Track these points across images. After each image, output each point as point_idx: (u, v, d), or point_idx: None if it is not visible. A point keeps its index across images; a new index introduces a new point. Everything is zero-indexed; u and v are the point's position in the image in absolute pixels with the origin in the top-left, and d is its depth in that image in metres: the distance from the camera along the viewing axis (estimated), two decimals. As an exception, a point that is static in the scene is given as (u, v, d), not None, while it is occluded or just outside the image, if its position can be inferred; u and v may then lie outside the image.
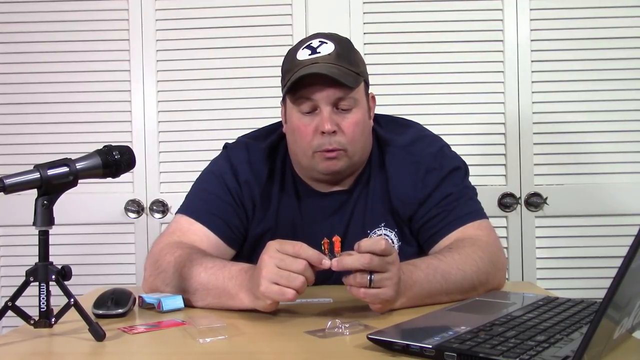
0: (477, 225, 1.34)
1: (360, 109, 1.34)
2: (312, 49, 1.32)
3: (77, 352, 0.96)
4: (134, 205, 2.29)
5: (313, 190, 1.41)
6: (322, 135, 1.30)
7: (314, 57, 1.30)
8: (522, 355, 0.78)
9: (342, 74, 1.28)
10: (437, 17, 2.26)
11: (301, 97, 1.31)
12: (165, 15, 2.29)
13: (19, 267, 1.27)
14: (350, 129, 1.32)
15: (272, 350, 0.95)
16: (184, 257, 1.24)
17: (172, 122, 2.30)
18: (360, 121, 1.34)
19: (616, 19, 2.22)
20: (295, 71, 1.29)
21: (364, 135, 1.37)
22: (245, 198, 1.39)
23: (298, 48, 1.34)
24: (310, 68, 1.28)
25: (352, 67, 1.31)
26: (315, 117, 1.31)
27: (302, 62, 1.30)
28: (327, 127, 1.29)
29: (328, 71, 1.27)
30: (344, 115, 1.32)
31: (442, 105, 2.25)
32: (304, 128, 1.32)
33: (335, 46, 1.31)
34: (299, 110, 1.32)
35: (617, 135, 2.23)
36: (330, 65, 1.28)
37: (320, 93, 1.29)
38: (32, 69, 2.30)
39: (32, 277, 1.01)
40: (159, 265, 1.28)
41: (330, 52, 1.30)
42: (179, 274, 1.22)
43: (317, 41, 1.33)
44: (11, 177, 0.99)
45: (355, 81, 1.31)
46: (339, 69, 1.28)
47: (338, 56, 1.30)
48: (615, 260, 1.88)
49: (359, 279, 1.05)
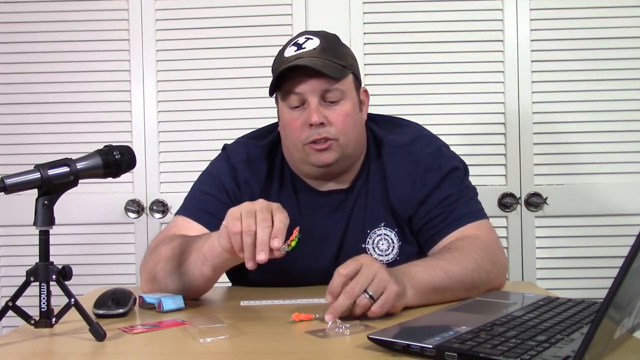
0: (476, 226, 1.34)
1: (349, 101, 1.34)
2: (297, 45, 1.33)
3: (78, 352, 0.96)
4: (134, 205, 2.29)
5: (312, 188, 1.41)
6: (311, 128, 1.31)
7: (299, 53, 1.31)
8: (522, 355, 0.78)
9: (325, 65, 1.29)
10: (437, 17, 2.26)
11: (288, 91, 1.32)
12: (165, 15, 2.30)
13: (19, 267, 1.28)
14: (339, 120, 1.32)
15: (272, 350, 0.95)
16: (178, 238, 1.27)
17: (172, 122, 2.30)
18: (350, 113, 1.34)
19: (616, 19, 2.23)
20: (281, 68, 1.30)
21: (356, 127, 1.36)
22: (244, 198, 1.39)
23: (286, 46, 1.35)
24: (293, 62, 1.29)
25: (338, 60, 1.32)
26: (304, 111, 1.32)
27: (287, 58, 1.31)
28: (314, 119, 1.29)
29: (311, 63, 1.28)
30: (332, 108, 1.32)
31: (442, 105, 2.25)
32: (293, 122, 1.32)
33: (320, 41, 1.33)
34: (288, 105, 1.33)
35: (617, 135, 2.23)
36: (313, 58, 1.29)
37: (304, 85, 1.30)
38: (33, 69, 2.31)
39: (32, 277, 1.01)
40: (153, 251, 1.29)
41: (315, 46, 1.32)
42: (170, 249, 1.24)
43: (303, 38, 1.35)
44: (12, 177, 1.00)
45: (340, 72, 1.31)
46: (322, 61, 1.29)
47: (323, 50, 1.31)
48: (616, 260, 1.88)
49: (360, 304, 1.04)
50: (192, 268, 1.20)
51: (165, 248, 1.27)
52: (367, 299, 1.03)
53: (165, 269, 1.24)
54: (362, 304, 1.03)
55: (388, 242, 1.38)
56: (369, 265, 1.06)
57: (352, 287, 1.03)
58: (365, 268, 1.05)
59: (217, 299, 1.33)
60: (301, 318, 1.07)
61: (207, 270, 1.19)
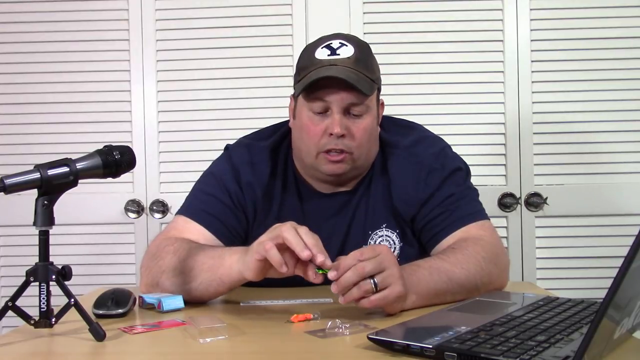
0: (479, 226, 1.34)
1: (371, 115, 1.34)
2: (331, 49, 1.31)
3: (77, 352, 0.96)
4: (134, 205, 2.29)
5: (315, 190, 1.41)
6: (330, 137, 1.30)
7: (333, 59, 1.29)
8: (522, 355, 0.78)
9: (359, 79, 1.28)
10: (437, 17, 2.26)
11: (315, 97, 1.30)
12: (165, 15, 2.29)
13: (19, 267, 1.27)
14: (359, 134, 1.31)
15: (272, 350, 0.95)
16: (183, 246, 1.26)
17: (172, 122, 2.30)
18: (369, 127, 1.34)
19: (616, 19, 2.22)
20: (312, 70, 1.29)
21: (371, 141, 1.37)
22: (247, 200, 1.39)
23: (317, 46, 1.33)
24: (328, 69, 1.27)
25: (369, 74, 1.31)
26: (326, 118, 1.31)
27: (320, 61, 1.29)
28: (337, 130, 1.29)
29: (346, 76, 1.26)
30: (354, 120, 1.31)
31: (442, 105, 2.25)
32: (313, 127, 1.32)
33: (354, 50, 1.31)
34: (310, 109, 1.32)
35: (617, 135, 2.23)
36: (348, 69, 1.28)
37: (334, 96, 1.29)
38: (33, 69, 2.30)
39: (32, 277, 1.01)
40: (157, 257, 1.28)
41: (349, 55, 1.30)
42: (176, 259, 1.23)
43: (338, 42, 1.32)
44: (11, 177, 0.99)
45: (371, 88, 1.30)
46: (356, 74, 1.28)
47: (357, 61, 1.29)
48: (616, 260, 1.88)
49: (362, 287, 1.04)
50: (206, 287, 1.20)
51: (170, 257, 1.26)
52: (370, 285, 1.03)
53: (172, 279, 1.23)
54: (365, 288, 1.04)
55: (389, 244, 1.38)
56: (385, 256, 1.06)
57: (363, 266, 1.03)
58: (381, 257, 1.05)
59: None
60: (300, 319, 1.07)
61: (223, 290, 1.20)
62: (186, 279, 1.21)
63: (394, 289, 1.05)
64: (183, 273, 1.21)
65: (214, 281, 1.18)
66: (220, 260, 1.18)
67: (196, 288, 1.20)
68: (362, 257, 1.04)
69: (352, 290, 1.04)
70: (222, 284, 1.18)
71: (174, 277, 1.23)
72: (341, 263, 1.05)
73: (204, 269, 1.19)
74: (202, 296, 1.22)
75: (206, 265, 1.19)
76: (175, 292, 1.23)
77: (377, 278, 1.04)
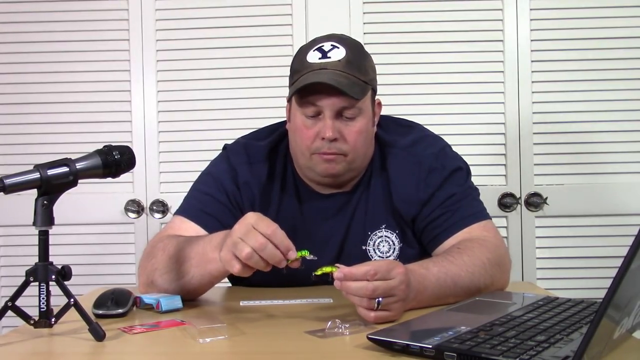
0: (482, 226, 1.34)
1: (365, 117, 1.33)
2: (322, 52, 1.30)
3: (77, 352, 0.96)
4: (134, 205, 2.29)
5: (314, 191, 1.41)
6: (323, 140, 1.30)
7: (324, 62, 1.28)
8: (522, 355, 0.78)
9: (349, 84, 1.27)
10: (437, 17, 2.26)
11: (307, 102, 1.30)
12: (165, 15, 2.29)
13: (19, 267, 1.27)
14: (352, 137, 1.31)
15: (272, 350, 0.95)
16: (172, 242, 1.27)
17: (172, 122, 2.30)
18: (363, 129, 1.33)
19: (616, 19, 2.22)
20: (303, 74, 1.29)
21: (366, 142, 1.36)
22: (244, 200, 1.39)
23: (309, 49, 1.32)
24: (318, 74, 1.27)
25: (361, 76, 1.30)
26: (319, 121, 1.30)
27: (311, 65, 1.29)
28: (329, 135, 1.28)
29: (336, 82, 1.25)
30: (347, 123, 1.31)
31: (442, 105, 2.25)
32: (305, 130, 1.31)
33: (346, 52, 1.30)
34: (303, 113, 1.31)
35: (617, 135, 2.23)
36: (338, 73, 1.27)
37: (326, 100, 1.28)
38: (32, 69, 2.30)
39: (32, 277, 1.01)
40: (150, 256, 1.29)
41: (340, 58, 1.29)
42: (166, 256, 1.24)
43: (329, 45, 1.31)
44: (11, 177, 0.99)
45: (362, 91, 1.30)
46: (347, 77, 1.27)
47: (348, 63, 1.29)
48: (615, 260, 1.88)
49: (366, 303, 1.03)
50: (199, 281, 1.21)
51: (161, 254, 1.26)
52: (373, 303, 1.03)
53: (164, 277, 1.24)
54: (367, 304, 1.03)
55: (389, 244, 1.38)
56: (398, 283, 1.05)
57: (372, 289, 1.02)
58: (393, 282, 1.04)
59: (217, 299, 1.33)
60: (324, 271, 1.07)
61: (216, 281, 1.23)
62: (178, 275, 1.22)
63: (393, 313, 1.06)
64: (174, 269, 1.22)
65: (205, 276, 1.20)
66: (204, 257, 1.18)
67: (189, 282, 1.21)
68: (374, 277, 1.03)
69: (354, 297, 1.04)
70: (214, 277, 1.20)
71: (166, 274, 1.24)
72: (352, 270, 1.03)
73: (192, 265, 1.20)
74: (196, 290, 1.24)
75: (194, 261, 1.20)
76: (169, 288, 1.23)
77: (382, 300, 1.03)
